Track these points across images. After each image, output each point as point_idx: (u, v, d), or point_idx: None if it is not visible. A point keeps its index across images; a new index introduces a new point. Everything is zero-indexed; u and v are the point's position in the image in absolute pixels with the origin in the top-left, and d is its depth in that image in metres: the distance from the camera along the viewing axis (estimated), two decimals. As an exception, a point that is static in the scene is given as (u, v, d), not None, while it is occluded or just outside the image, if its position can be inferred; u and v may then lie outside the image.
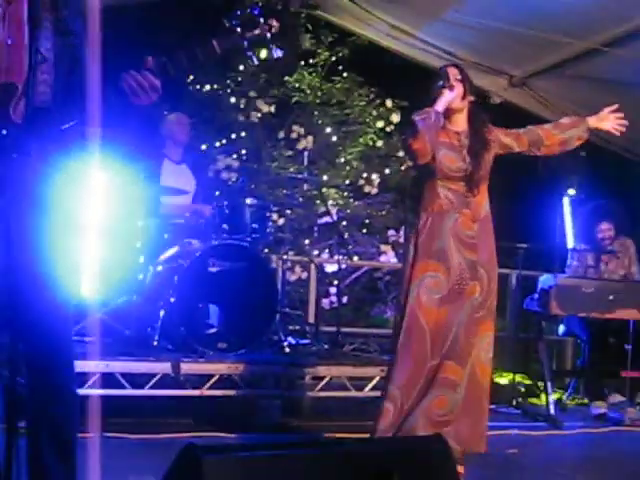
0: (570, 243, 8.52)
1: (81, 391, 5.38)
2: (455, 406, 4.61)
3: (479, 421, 4.72)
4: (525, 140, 5.02)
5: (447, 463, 2.74)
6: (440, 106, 4.75)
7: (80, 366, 5.63)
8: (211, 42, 3.21)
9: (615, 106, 5.16)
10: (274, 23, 3.32)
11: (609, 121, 5.16)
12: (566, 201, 8.43)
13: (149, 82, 3.12)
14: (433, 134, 4.69)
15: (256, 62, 3.41)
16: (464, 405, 4.66)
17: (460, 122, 4.92)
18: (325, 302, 10.09)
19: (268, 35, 3.31)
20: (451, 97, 4.78)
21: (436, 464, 2.76)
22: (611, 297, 7.15)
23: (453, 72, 4.89)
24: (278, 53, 3.41)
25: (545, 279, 7.29)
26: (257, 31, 3.27)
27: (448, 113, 4.85)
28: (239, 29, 3.26)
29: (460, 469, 4.59)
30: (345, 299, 10.54)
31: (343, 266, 9.57)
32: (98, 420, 3.84)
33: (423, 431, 4.51)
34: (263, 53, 3.37)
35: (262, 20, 3.29)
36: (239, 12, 3.30)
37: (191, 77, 11.15)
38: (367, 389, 6.62)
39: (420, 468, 2.69)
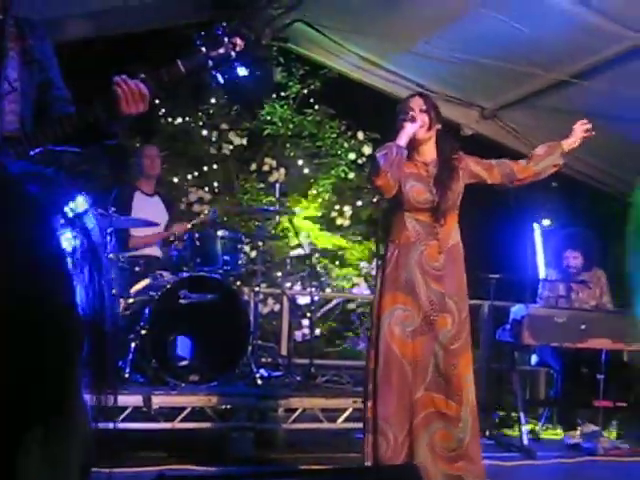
0: (542, 273, 8.53)
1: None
2: (461, 441, 4.60)
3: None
4: (497, 174, 5.02)
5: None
6: (402, 140, 4.73)
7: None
8: (176, 62, 3.21)
9: (584, 121, 5.17)
10: (238, 42, 3.32)
11: (577, 135, 5.17)
12: (537, 230, 8.46)
13: (139, 89, 3.11)
14: (395, 169, 4.67)
15: (221, 81, 3.42)
16: (474, 441, 4.68)
17: (428, 152, 4.92)
18: (298, 334, 10.05)
19: (232, 54, 3.31)
20: (413, 130, 4.77)
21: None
22: (583, 326, 7.16)
23: (417, 103, 4.87)
24: (243, 72, 3.42)
25: (517, 309, 7.30)
26: (221, 50, 3.28)
27: (415, 144, 4.84)
28: (203, 48, 3.27)
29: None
30: (318, 331, 10.51)
31: (316, 298, 9.55)
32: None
33: (433, 467, 4.50)
34: (242, 71, 3.40)
35: (226, 39, 3.30)
36: (203, 33, 3.31)
37: (162, 110, 11.15)
38: (340, 420, 6.60)
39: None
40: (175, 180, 10.91)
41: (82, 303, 3.03)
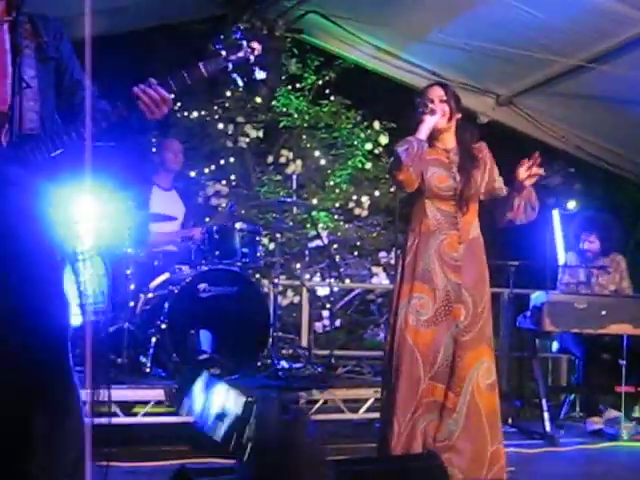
0: (561, 259, 8.50)
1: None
2: (451, 434, 4.59)
3: (481, 448, 4.69)
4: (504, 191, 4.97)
5: (442, 478, 2.73)
6: (422, 134, 4.71)
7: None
8: (198, 65, 3.25)
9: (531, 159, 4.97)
10: (256, 46, 3.36)
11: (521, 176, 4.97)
12: (556, 215, 8.43)
13: (160, 94, 3.14)
14: (417, 163, 4.66)
15: (241, 84, 3.46)
16: (465, 433, 4.63)
17: (448, 140, 4.91)
18: (318, 326, 10.06)
19: (251, 57, 3.36)
20: (432, 122, 4.75)
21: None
22: (604, 312, 7.13)
23: (437, 93, 4.84)
24: (261, 75, 3.46)
25: (537, 296, 7.27)
26: (240, 54, 3.33)
27: (435, 133, 4.83)
28: (224, 52, 3.31)
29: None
30: (338, 322, 10.51)
31: (335, 289, 9.55)
32: (90, 449, 3.81)
33: None
34: (260, 74, 3.44)
35: (245, 43, 3.34)
36: (222, 36, 3.35)
37: (178, 104, 11.15)
38: (361, 411, 6.60)
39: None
40: (192, 174, 10.90)
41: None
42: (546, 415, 7.13)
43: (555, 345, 8.27)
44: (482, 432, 4.68)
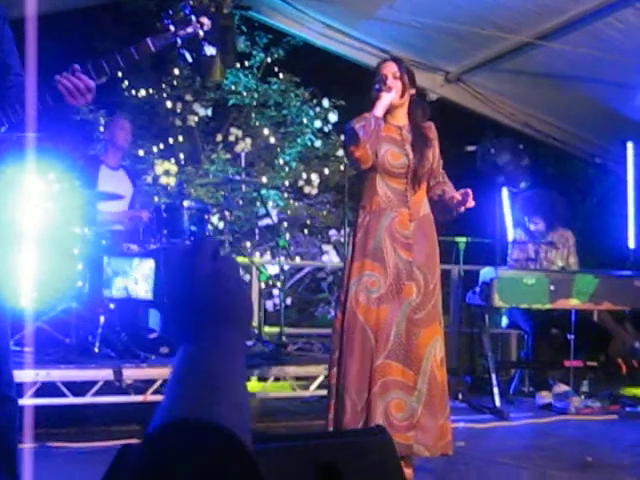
0: (510, 235, 8.55)
1: (21, 401, 5.31)
2: (414, 411, 4.59)
3: (445, 424, 4.72)
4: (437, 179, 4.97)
5: (391, 454, 2.71)
6: (379, 111, 4.68)
7: (20, 376, 5.56)
8: (145, 41, 3.22)
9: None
10: (205, 21, 3.33)
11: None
12: (505, 192, 8.47)
13: (84, 83, 3.11)
14: (374, 140, 4.64)
15: (190, 60, 3.45)
16: (428, 410, 4.63)
17: (401, 116, 4.88)
18: (269, 304, 10.05)
19: (200, 33, 3.33)
20: (389, 99, 4.73)
21: (379, 455, 2.73)
22: (552, 288, 7.19)
23: (391, 69, 4.80)
24: (211, 50, 3.44)
25: (486, 272, 7.32)
26: (189, 29, 3.30)
27: (389, 109, 4.79)
28: (172, 27, 3.28)
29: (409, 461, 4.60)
30: (289, 300, 10.51)
31: (285, 267, 9.55)
32: (37, 430, 3.78)
33: None
34: (210, 50, 3.42)
35: (194, 18, 3.32)
36: (171, 12, 3.32)
37: (126, 82, 11.06)
38: (312, 388, 6.60)
39: (363, 460, 2.66)
40: (141, 153, 10.83)
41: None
42: (496, 390, 7.19)
43: (504, 321, 8.34)
44: (444, 408, 4.71)
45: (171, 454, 0.86)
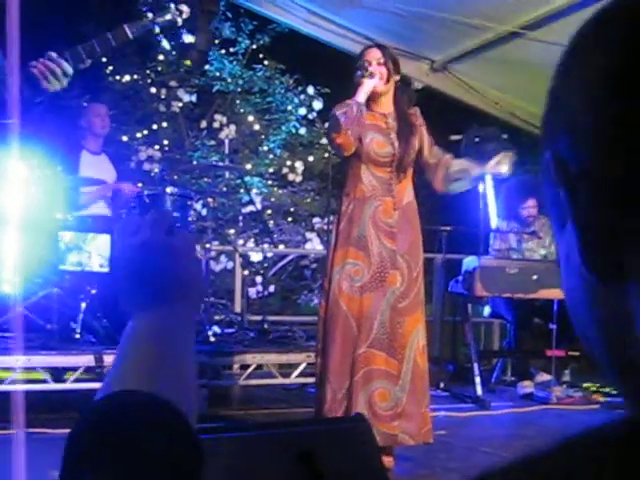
0: (493, 224, 8.54)
1: (2, 387, 5.30)
2: (399, 400, 4.58)
3: (425, 411, 4.72)
4: (428, 163, 4.91)
5: (370, 441, 2.71)
6: (361, 97, 4.66)
7: (1, 361, 5.54)
8: (122, 27, 3.20)
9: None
10: (184, 9, 3.32)
11: (491, 166, 5.01)
12: (489, 181, 8.46)
13: (60, 67, 3.09)
14: (356, 127, 4.62)
15: (168, 47, 3.45)
16: (412, 399, 4.63)
17: (386, 104, 4.86)
18: (252, 291, 10.03)
19: (179, 20, 3.32)
20: (371, 86, 4.70)
21: (359, 443, 2.72)
22: (535, 277, 7.20)
23: (375, 56, 4.78)
24: (189, 38, 3.44)
25: (469, 261, 7.32)
26: (168, 16, 3.28)
27: (373, 96, 4.77)
28: (150, 14, 3.26)
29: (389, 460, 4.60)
30: (272, 288, 10.50)
31: (269, 254, 9.54)
32: (21, 416, 3.75)
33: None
34: (188, 38, 3.42)
35: (173, 6, 3.30)
36: (151, -1, 3.32)
37: (110, 68, 11.01)
38: (294, 375, 6.59)
39: (342, 447, 2.65)
40: (125, 139, 10.79)
41: None
42: (478, 379, 7.20)
43: (487, 310, 8.35)
44: (425, 396, 4.72)
45: (108, 426, 0.86)
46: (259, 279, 10.02)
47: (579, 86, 0.68)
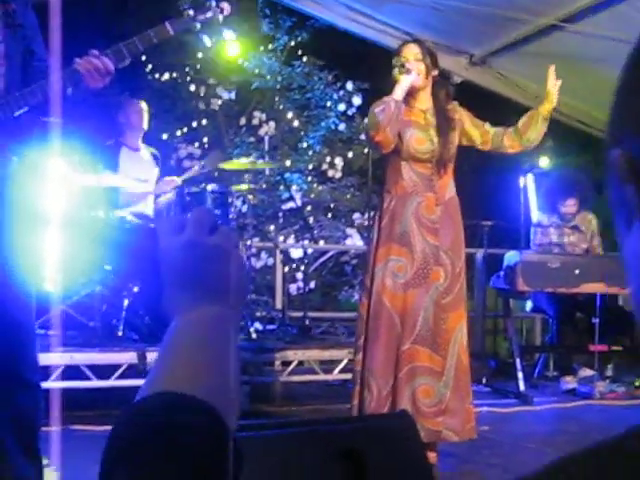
0: (534, 218, 8.50)
1: (45, 384, 5.34)
2: (443, 396, 4.57)
3: (469, 407, 4.72)
4: (489, 141, 4.92)
5: (414, 438, 2.70)
6: (398, 94, 4.62)
7: (44, 359, 5.58)
8: (164, 25, 3.22)
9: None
10: (225, 6, 3.33)
11: (552, 91, 5.12)
12: (530, 175, 8.41)
13: (103, 64, 3.12)
14: (394, 124, 4.60)
15: (209, 45, 3.47)
16: (456, 395, 4.62)
17: (424, 100, 4.83)
18: (292, 288, 10.05)
19: (220, 18, 3.33)
20: (408, 82, 4.66)
21: (403, 439, 2.72)
22: (577, 271, 7.15)
23: (413, 51, 4.74)
24: (230, 35, 3.45)
25: (510, 256, 7.28)
26: (209, 14, 3.29)
27: (411, 92, 4.73)
28: (191, 12, 3.27)
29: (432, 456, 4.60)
30: (313, 284, 10.51)
31: (309, 251, 9.55)
32: (61, 413, 3.79)
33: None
34: (229, 34, 3.45)
35: (214, 3, 3.32)
36: (192, -4, 3.33)
37: (149, 66, 11.07)
38: (336, 372, 6.60)
39: (386, 444, 2.65)
40: (164, 137, 10.84)
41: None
42: (520, 375, 7.17)
43: (529, 305, 8.30)
44: (468, 391, 4.70)
45: (146, 427, 0.86)
46: (300, 275, 10.04)
47: None
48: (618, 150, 0.68)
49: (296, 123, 11.21)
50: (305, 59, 11.34)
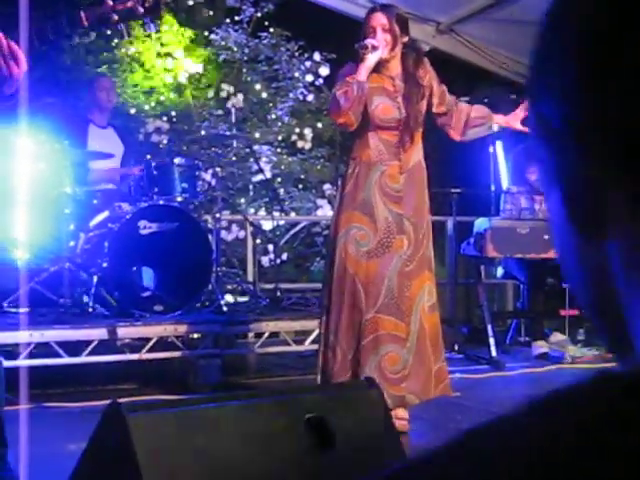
0: (504, 185, 8.51)
1: (16, 362, 5.32)
2: (406, 362, 4.59)
3: (441, 367, 4.74)
4: (442, 111, 4.94)
5: (380, 405, 2.71)
6: (362, 75, 4.58)
7: (14, 337, 5.57)
8: (79, 13, 3.13)
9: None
10: None
11: (512, 123, 5.07)
12: (499, 143, 8.41)
13: (10, 47, 3.04)
14: (357, 106, 4.56)
15: (153, 30, 3.39)
16: (416, 357, 4.64)
17: (394, 66, 4.79)
18: (265, 260, 10.02)
19: (140, 9, 3.22)
20: (373, 61, 4.62)
21: (370, 408, 2.73)
22: (546, 237, 7.16)
23: (380, 22, 4.68)
24: (152, 28, 3.35)
25: (480, 222, 7.30)
26: (129, 4, 3.19)
27: (381, 62, 4.71)
28: (110, 1, 3.17)
29: (404, 413, 4.61)
30: (284, 256, 10.48)
31: (280, 223, 9.53)
32: (33, 391, 3.77)
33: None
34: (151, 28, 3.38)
35: None
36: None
37: (115, 41, 10.95)
38: (307, 342, 6.60)
39: (353, 412, 2.66)
40: (132, 111, 10.74)
41: None
42: (492, 341, 7.20)
43: (500, 271, 8.33)
44: (428, 353, 4.70)
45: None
46: (271, 247, 10.01)
47: (560, 41, 0.66)
48: (534, 113, 0.67)
49: (264, 95, 11.15)
50: (271, 30, 11.26)
